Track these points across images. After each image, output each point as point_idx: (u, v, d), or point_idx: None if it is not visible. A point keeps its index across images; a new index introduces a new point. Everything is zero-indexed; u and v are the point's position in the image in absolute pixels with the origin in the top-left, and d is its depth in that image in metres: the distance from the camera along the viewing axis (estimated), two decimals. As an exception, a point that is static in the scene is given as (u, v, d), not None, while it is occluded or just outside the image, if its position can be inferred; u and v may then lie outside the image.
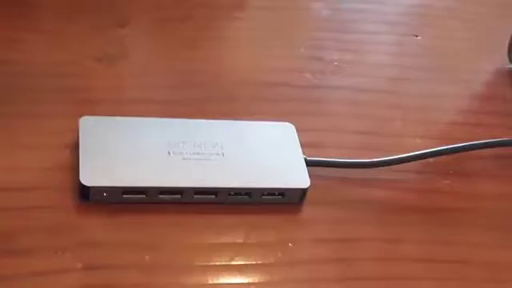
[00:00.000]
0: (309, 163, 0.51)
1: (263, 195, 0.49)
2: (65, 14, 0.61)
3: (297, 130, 0.53)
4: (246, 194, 0.49)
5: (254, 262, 0.47)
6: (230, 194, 0.49)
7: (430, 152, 0.55)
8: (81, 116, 0.50)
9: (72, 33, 0.59)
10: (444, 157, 0.55)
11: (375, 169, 0.53)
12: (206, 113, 0.54)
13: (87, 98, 0.54)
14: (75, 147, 0.49)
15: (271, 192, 0.49)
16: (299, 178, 0.50)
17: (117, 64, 0.57)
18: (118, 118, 0.51)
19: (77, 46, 0.58)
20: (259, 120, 0.54)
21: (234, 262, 0.46)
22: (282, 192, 0.50)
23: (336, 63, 0.63)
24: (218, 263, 0.46)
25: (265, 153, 0.51)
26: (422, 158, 0.55)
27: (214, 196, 0.49)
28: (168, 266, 0.46)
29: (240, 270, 0.46)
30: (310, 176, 0.50)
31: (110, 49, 0.59)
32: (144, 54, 0.59)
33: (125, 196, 0.47)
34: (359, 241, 0.49)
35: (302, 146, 0.52)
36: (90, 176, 0.47)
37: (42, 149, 0.50)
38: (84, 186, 0.47)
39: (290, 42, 0.64)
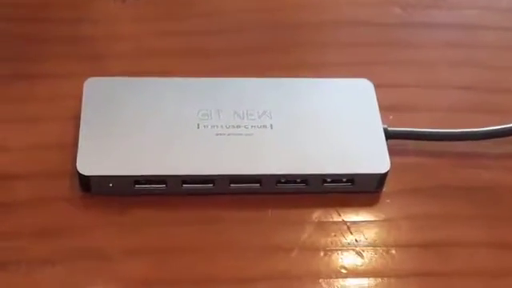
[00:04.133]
0: (390, 135, 0.39)
1: (325, 182, 0.37)
2: None
3: (376, 88, 0.40)
4: (302, 181, 0.37)
5: (308, 274, 0.35)
6: (279, 182, 0.37)
7: None
8: (90, 76, 0.39)
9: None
10: None
11: (484, 141, 0.40)
12: (255, 68, 0.43)
13: (100, 51, 0.43)
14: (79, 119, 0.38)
15: (336, 178, 0.37)
16: (375, 159, 0.37)
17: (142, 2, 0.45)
18: (134, 79, 0.39)
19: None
20: (325, 76, 0.41)
21: (282, 272, 0.35)
22: (350, 178, 0.37)
23: (437, -9, 0.48)
24: (261, 273, 0.35)
25: (329, 123, 0.38)
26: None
27: (258, 185, 0.37)
28: (198, 279, 0.34)
29: (291, 284, 0.35)
30: (390, 154, 0.37)
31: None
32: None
33: (138, 187, 0.36)
34: (457, 246, 0.37)
35: (382, 110, 0.39)
36: (92, 161, 0.36)
37: (39, 121, 0.39)
38: (83, 175, 0.35)
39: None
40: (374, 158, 0.37)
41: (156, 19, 0.45)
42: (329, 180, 0.37)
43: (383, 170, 0.37)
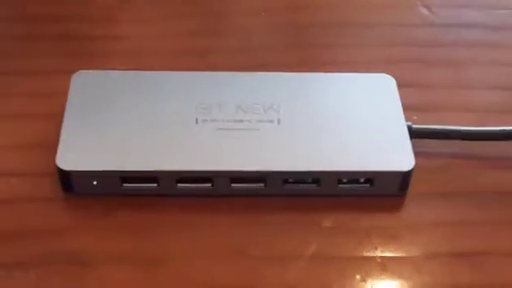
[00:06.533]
0: (415, 133, 0.34)
1: (340, 183, 0.32)
2: None
3: (399, 85, 0.36)
4: (314, 181, 0.32)
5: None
6: (287, 182, 0.32)
7: None
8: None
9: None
10: None
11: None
12: (264, 65, 0.38)
13: (96, 47, 0.40)
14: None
15: (352, 178, 0.32)
16: (398, 156, 0.32)
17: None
18: (127, 73, 0.36)
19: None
20: (343, 71, 0.37)
21: (289, 285, 0.30)
22: (369, 177, 0.32)
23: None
24: (265, 285, 0.30)
25: (345, 119, 0.34)
26: None
27: (262, 184, 0.32)
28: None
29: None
30: (415, 153, 0.33)
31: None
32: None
33: (125, 186, 0.32)
34: (491, 255, 0.32)
35: (406, 110, 0.35)
36: (73, 155, 0.31)
37: (23, 117, 0.35)
38: (63, 170, 0.31)
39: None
40: (396, 155, 0.32)
41: (156, 18, 0.41)
42: (344, 180, 0.32)
43: (406, 168, 0.32)
